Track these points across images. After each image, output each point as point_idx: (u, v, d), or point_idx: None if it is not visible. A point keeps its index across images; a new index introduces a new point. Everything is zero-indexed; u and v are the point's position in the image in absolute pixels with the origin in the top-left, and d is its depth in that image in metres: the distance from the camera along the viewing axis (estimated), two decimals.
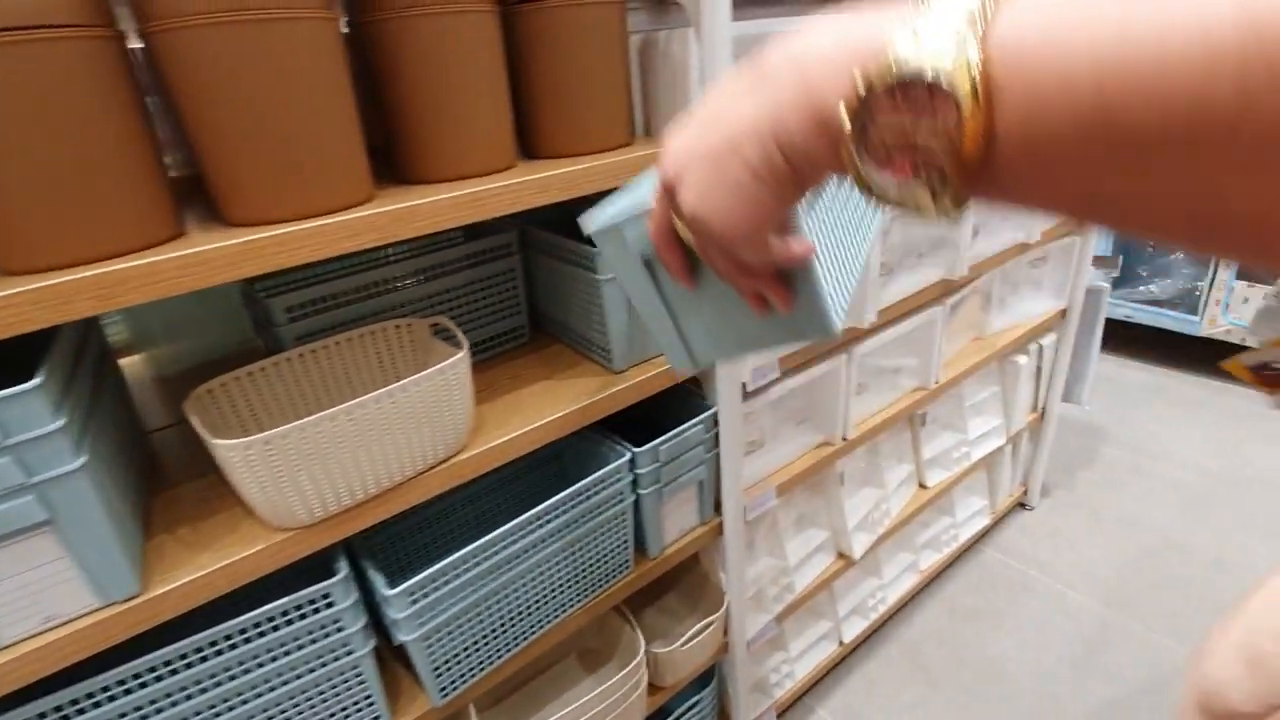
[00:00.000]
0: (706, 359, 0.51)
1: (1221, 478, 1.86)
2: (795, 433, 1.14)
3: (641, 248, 0.45)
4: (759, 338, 0.46)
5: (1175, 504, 1.79)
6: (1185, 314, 2.33)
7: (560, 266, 0.86)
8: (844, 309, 0.46)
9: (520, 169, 0.71)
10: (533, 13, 0.70)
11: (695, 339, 0.49)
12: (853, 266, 0.51)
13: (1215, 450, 1.97)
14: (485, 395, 0.83)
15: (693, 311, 0.48)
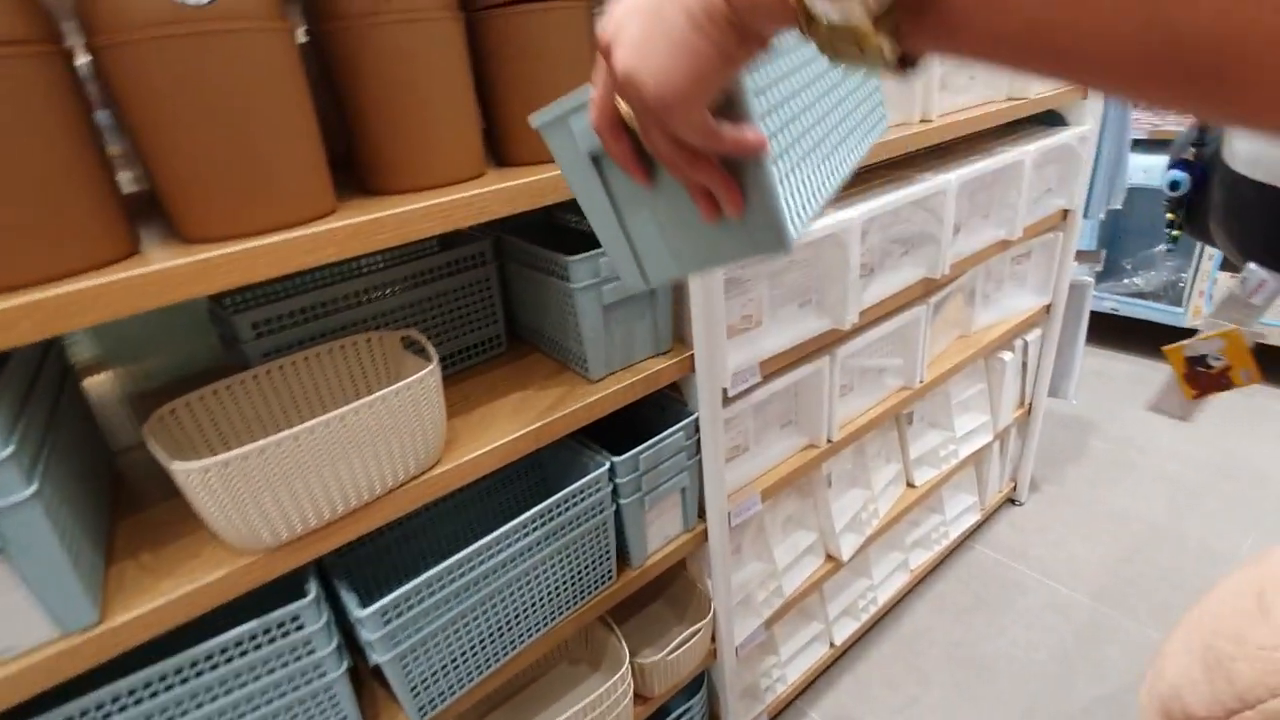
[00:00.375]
0: (659, 275, 0.48)
1: (1210, 469, 1.87)
2: (780, 436, 1.13)
3: (588, 143, 0.42)
4: (712, 249, 0.44)
5: (1164, 496, 1.79)
6: (1170, 305, 2.34)
7: (534, 275, 0.85)
8: (804, 221, 0.43)
9: (489, 178, 0.70)
10: (497, 17, 0.68)
11: (647, 252, 0.47)
12: (823, 181, 0.47)
13: (1203, 441, 1.98)
14: (460, 407, 0.81)
15: (643, 219, 0.45)
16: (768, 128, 0.38)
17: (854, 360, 1.17)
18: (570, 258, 0.75)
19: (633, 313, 0.83)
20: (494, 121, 0.75)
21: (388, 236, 0.59)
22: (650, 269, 0.48)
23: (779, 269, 0.97)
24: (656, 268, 0.48)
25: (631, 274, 0.48)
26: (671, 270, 0.47)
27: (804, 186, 0.44)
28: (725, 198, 0.39)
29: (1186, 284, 2.27)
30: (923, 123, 1.11)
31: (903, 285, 1.15)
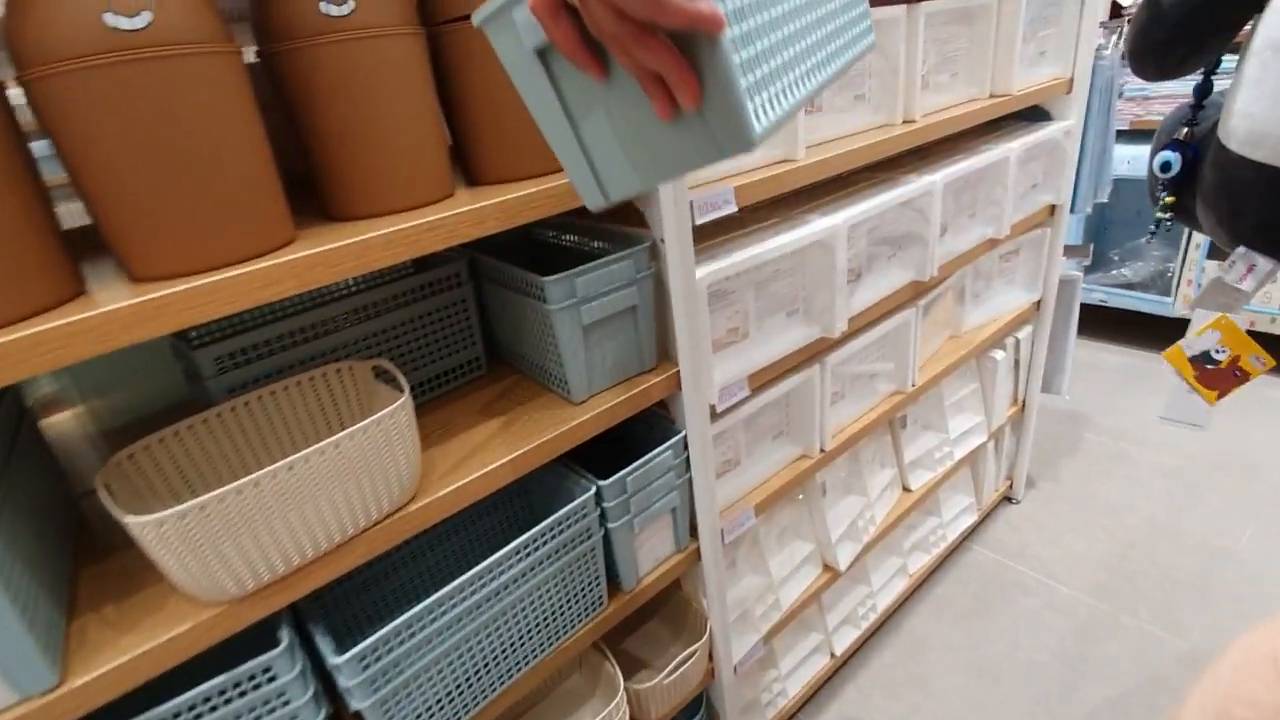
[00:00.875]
0: (619, 189, 0.44)
1: (1204, 461, 1.86)
2: (772, 447, 1.11)
3: (533, 38, 0.39)
4: (672, 154, 0.40)
5: (1160, 490, 1.78)
6: (1158, 296, 2.34)
7: (510, 296, 0.82)
8: (769, 118, 0.39)
9: (458, 198, 0.67)
10: (460, 31, 0.65)
11: (604, 163, 0.43)
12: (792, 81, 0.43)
13: (1199, 433, 1.97)
14: (438, 435, 0.78)
15: (598, 123, 0.41)
16: (726, 6, 0.35)
17: (844, 367, 1.14)
18: (546, 278, 0.72)
19: (615, 330, 0.80)
20: (461, 139, 0.72)
21: (350, 266, 0.56)
22: (609, 183, 0.44)
23: (765, 278, 0.94)
24: (616, 181, 0.43)
25: (590, 190, 0.44)
26: (632, 183, 0.43)
27: (770, 83, 0.40)
28: (679, 83, 0.35)
29: (1174, 273, 2.26)
30: (906, 123, 1.09)
31: (891, 289, 1.13)
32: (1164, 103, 2.19)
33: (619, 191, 0.44)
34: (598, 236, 0.88)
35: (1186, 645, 1.36)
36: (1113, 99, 1.51)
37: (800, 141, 0.91)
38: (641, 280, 0.79)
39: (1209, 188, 0.65)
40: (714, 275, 0.81)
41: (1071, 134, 1.39)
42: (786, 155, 0.93)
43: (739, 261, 0.83)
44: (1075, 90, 1.37)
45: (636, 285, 0.79)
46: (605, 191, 0.44)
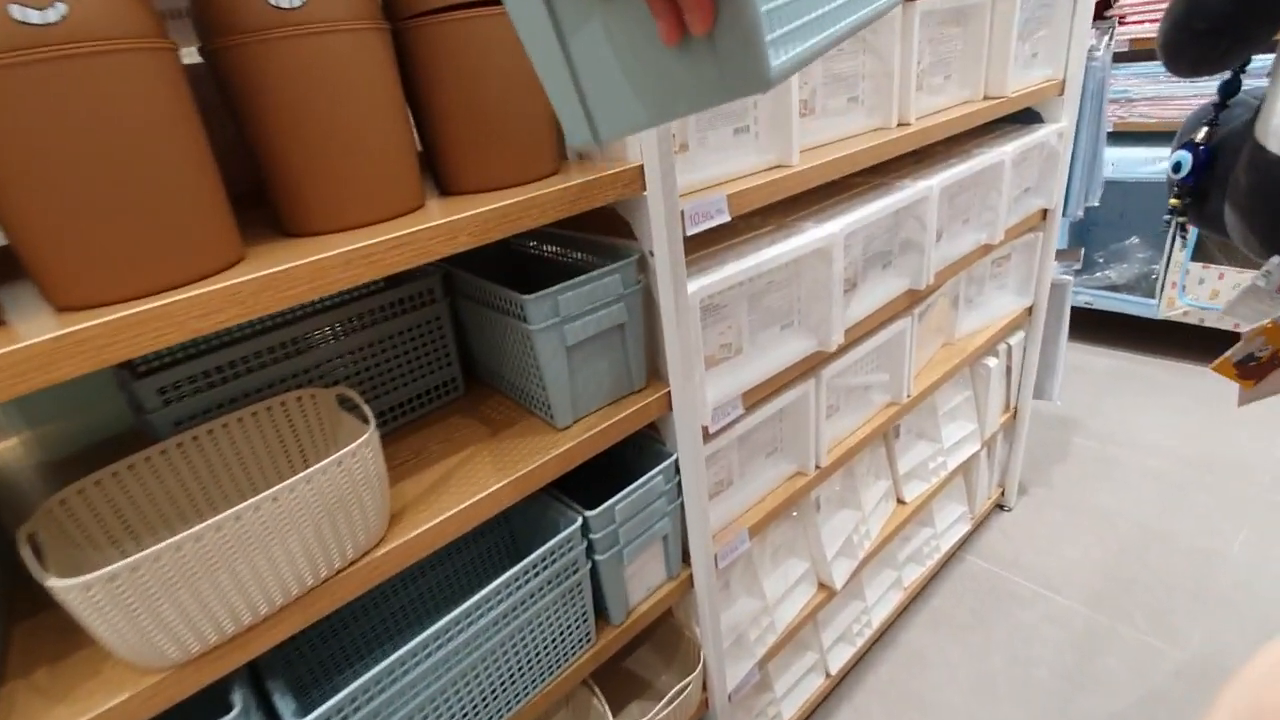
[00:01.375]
0: (611, 126, 0.38)
1: (1194, 463, 1.85)
2: (765, 465, 1.06)
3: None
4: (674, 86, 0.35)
5: (1151, 493, 1.77)
6: (1143, 298, 2.33)
7: (488, 314, 0.76)
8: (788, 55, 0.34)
9: (428, 211, 0.61)
10: (429, 27, 0.60)
11: (597, 95, 0.37)
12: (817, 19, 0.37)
13: (1185, 435, 1.96)
14: (411, 465, 0.72)
15: (592, 45, 0.36)
16: None
17: (839, 380, 1.10)
18: (526, 296, 0.66)
19: (601, 350, 0.75)
20: (432, 145, 0.66)
21: (303, 290, 0.50)
22: (601, 118, 0.38)
23: (758, 291, 0.89)
24: (609, 116, 0.38)
25: (577, 124, 0.38)
26: (626, 119, 0.37)
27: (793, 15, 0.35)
28: (691, 7, 0.31)
29: (1159, 275, 2.26)
30: (901, 126, 1.05)
31: (887, 298, 1.09)
32: (1149, 104, 2.18)
33: (611, 129, 0.38)
34: (581, 248, 0.83)
35: (1184, 656, 1.34)
36: (1104, 101, 1.49)
37: (795, 146, 0.86)
38: (629, 296, 0.74)
39: (1243, 192, 0.62)
40: (707, 290, 0.76)
41: (1064, 136, 1.36)
42: (780, 160, 0.88)
43: (733, 274, 0.78)
44: (1067, 92, 1.35)
45: (624, 301, 0.73)
46: (595, 128, 0.38)
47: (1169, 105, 2.16)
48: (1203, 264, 2.15)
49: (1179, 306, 2.23)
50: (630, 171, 0.68)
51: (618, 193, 0.68)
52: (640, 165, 0.69)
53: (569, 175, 0.69)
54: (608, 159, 0.74)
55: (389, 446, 0.77)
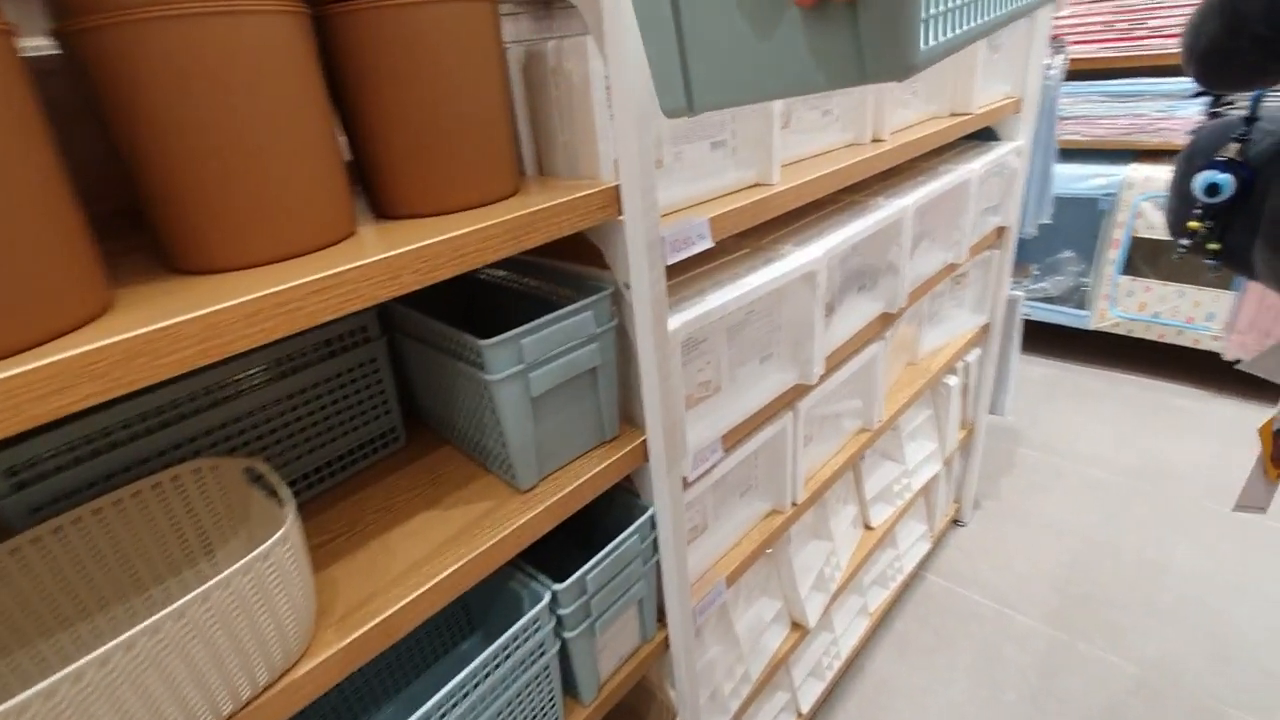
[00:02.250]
0: (709, 95, 0.33)
1: (1131, 473, 1.90)
2: (739, 506, 0.98)
3: None
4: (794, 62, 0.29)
5: (1095, 504, 1.80)
6: (1076, 309, 2.41)
7: (436, 357, 0.65)
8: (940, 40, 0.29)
9: (360, 242, 0.50)
10: (358, 14, 0.48)
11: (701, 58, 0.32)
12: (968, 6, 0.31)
13: (1120, 444, 2.02)
14: (343, 543, 0.60)
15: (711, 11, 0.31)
16: None
17: (815, 410, 1.03)
18: (484, 341, 0.55)
19: (571, 398, 0.64)
20: (367, 159, 0.54)
21: (191, 354, 0.37)
22: (700, 85, 0.33)
23: (738, 322, 0.81)
24: (710, 84, 0.33)
25: (673, 90, 0.34)
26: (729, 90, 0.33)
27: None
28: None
29: (1090, 288, 2.33)
30: (875, 142, 0.99)
31: (863, 322, 1.03)
32: (1078, 123, 2.25)
33: (708, 100, 0.34)
34: (544, 275, 0.72)
35: (1140, 672, 1.34)
36: (1054, 119, 1.49)
37: (775, 162, 0.79)
38: (603, 336, 0.64)
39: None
40: (689, 326, 0.67)
41: (1022, 154, 1.35)
42: (760, 178, 0.80)
43: (717, 307, 0.70)
44: (1024, 110, 1.34)
45: (598, 342, 0.63)
46: (691, 96, 0.34)
47: (1097, 124, 2.24)
48: (1131, 277, 2.23)
49: (1110, 318, 2.32)
50: (605, 193, 0.59)
51: (592, 218, 0.58)
52: (616, 186, 0.60)
53: (531, 196, 0.58)
54: (576, 177, 0.64)
55: (316, 516, 0.64)
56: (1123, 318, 2.28)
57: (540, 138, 0.67)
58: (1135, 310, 2.25)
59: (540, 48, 0.62)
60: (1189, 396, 2.21)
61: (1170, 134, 2.11)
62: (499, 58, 0.54)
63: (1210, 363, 2.19)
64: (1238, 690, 1.28)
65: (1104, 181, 2.19)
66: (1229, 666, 1.33)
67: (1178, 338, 2.21)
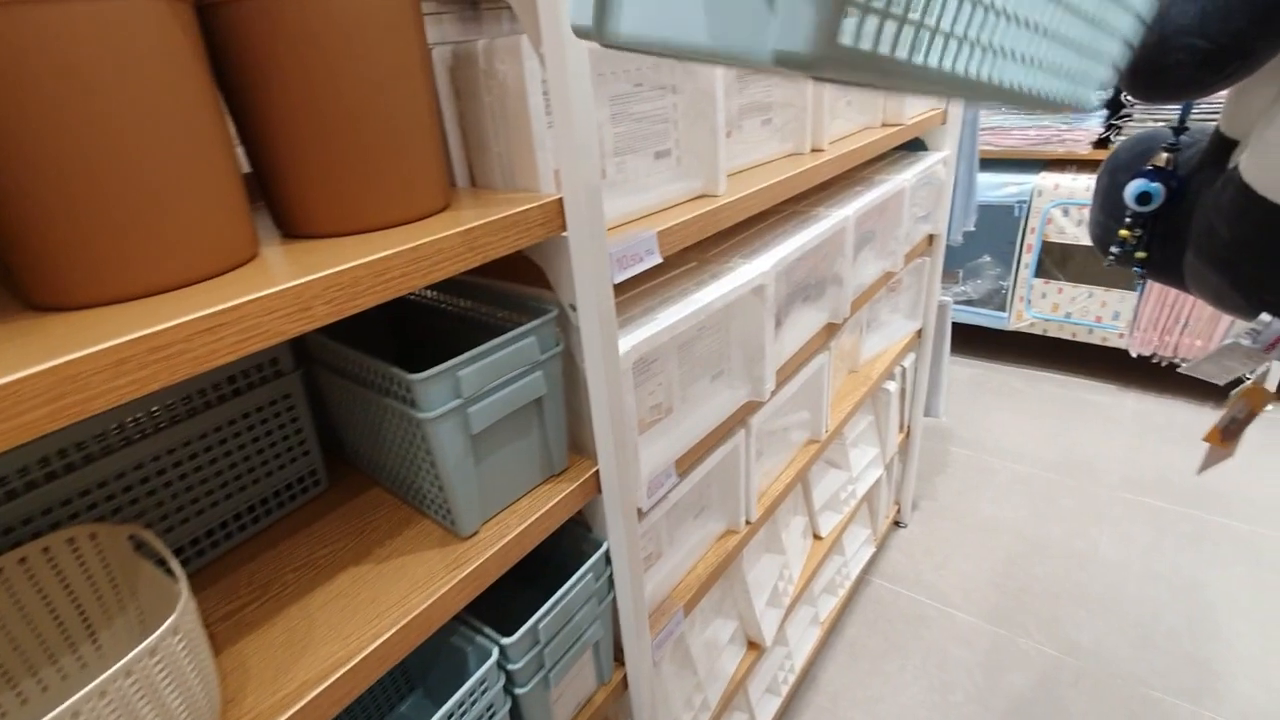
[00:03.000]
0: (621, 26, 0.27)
1: (1054, 467, 1.99)
2: (693, 529, 0.94)
3: None
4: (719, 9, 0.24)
5: (1024, 499, 1.87)
6: (995, 311, 2.52)
7: (361, 393, 0.58)
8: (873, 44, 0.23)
9: (263, 267, 0.43)
10: (254, 3, 0.41)
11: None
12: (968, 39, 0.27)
13: (1042, 440, 2.11)
14: (255, 612, 0.52)
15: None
16: None
17: (766, 425, 1.01)
18: (416, 376, 0.49)
19: (515, 432, 0.59)
20: (269, 170, 0.47)
21: (35, 418, 0.30)
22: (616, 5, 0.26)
23: (688, 340, 0.78)
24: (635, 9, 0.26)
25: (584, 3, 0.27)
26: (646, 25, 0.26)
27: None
28: None
29: (1008, 291, 2.45)
30: (815, 152, 0.98)
31: (809, 334, 1.02)
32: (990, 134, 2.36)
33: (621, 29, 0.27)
34: (482, 296, 0.66)
35: (1078, 664, 1.39)
36: (976, 129, 1.54)
37: (721, 172, 0.76)
38: (549, 362, 0.59)
39: (1224, 245, 0.57)
40: (641, 348, 0.63)
41: (949, 163, 1.39)
42: (706, 188, 0.77)
43: (669, 326, 0.66)
44: (949, 121, 1.37)
45: (543, 370, 0.58)
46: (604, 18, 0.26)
47: (1010, 135, 2.35)
48: (1044, 280, 2.35)
49: (1026, 319, 2.43)
50: (548, 207, 0.54)
51: (533, 234, 0.53)
52: (559, 198, 0.55)
53: (465, 211, 0.52)
54: (513, 190, 0.58)
55: (225, 577, 0.56)
56: (1038, 318, 2.40)
57: (472, 147, 0.62)
58: (1049, 311, 2.37)
59: (470, 48, 0.56)
60: (1102, 391, 2.35)
61: (1074, 145, 2.24)
62: (422, 56, 0.48)
63: (1119, 359, 2.33)
64: (1165, 676, 1.35)
65: (1017, 189, 2.30)
66: (1156, 654, 1.39)
67: (1089, 336, 2.34)
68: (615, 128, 0.66)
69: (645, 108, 0.69)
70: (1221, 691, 1.30)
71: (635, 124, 0.68)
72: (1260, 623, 1.44)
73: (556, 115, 0.51)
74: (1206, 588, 1.54)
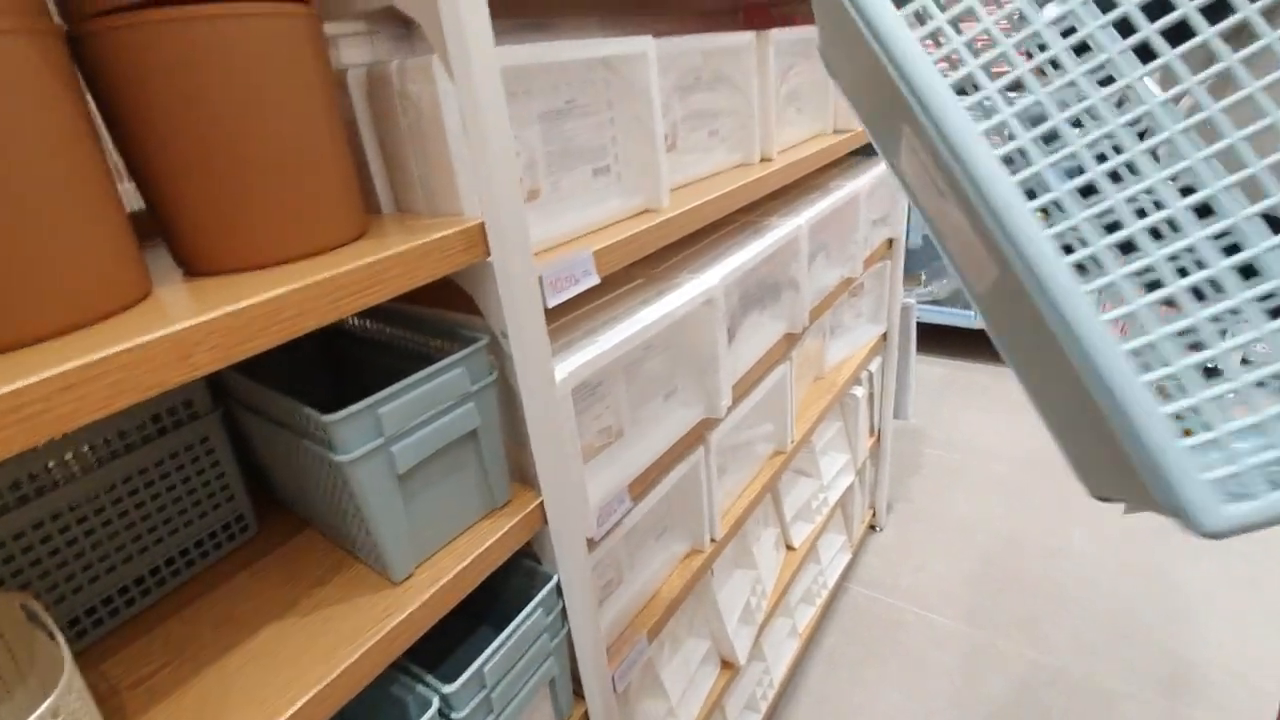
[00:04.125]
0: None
1: (1026, 464, 2.00)
2: (656, 550, 0.92)
3: None
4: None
5: (997, 498, 1.87)
6: (962, 310, 2.54)
7: (280, 433, 0.54)
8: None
9: (154, 308, 0.40)
10: (130, 31, 0.39)
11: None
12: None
13: (1013, 437, 2.12)
14: (167, 677, 0.48)
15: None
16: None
17: (727, 440, 0.99)
18: (330, 417, 0.46)
19: (449, 467, 0.56)
20: (162, 206, 0.44)
21: None
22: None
23: (635, 360, 0.75)
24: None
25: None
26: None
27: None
28: None
29: None
30: (764, 162, 0.97)
31: (767, 346, 1.00)
32: None
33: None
34: (414, 325, 0.63)
35: (1056, 663, 1.39)
36: None
37: (663, 187, 0.74)
38: (481, 393, 0.56)
39: None
40: (579, 373, 0.60)
41: None
42: (649, 204, 0.75)
43: (610, 349, 0.64)
44: None
45: (475, 401, 0.55)
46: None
47: None
48: None
49: None
50: (467, 232, 0.51)
51: (453, 262, 0.51)
52: (481, 223, 0.52)
53: (381, 240, 0.50)
54: (436, 215, 0.56)
55: (138, 640, 0.52)
56: None
57: (395, 171, 0.59)
58: None
59: (383, 69, 0.54)
60: None
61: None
62: (321, 81, 0.46)
63: None
64: (1140, 671, 1.35)
65: None
66: (1130, 648, 1.39)
67: None
68: (547, 146, 0.64)
69: (578, 125, 0.67)
70: (1196, 684, 1.31)
71: (569, 142, 0.66)
72: (1230, 614, 1.45)
73: (470, 137, 0.49)
74: (1178, 580, 1.55)
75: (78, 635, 0.52)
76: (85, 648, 0.52)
